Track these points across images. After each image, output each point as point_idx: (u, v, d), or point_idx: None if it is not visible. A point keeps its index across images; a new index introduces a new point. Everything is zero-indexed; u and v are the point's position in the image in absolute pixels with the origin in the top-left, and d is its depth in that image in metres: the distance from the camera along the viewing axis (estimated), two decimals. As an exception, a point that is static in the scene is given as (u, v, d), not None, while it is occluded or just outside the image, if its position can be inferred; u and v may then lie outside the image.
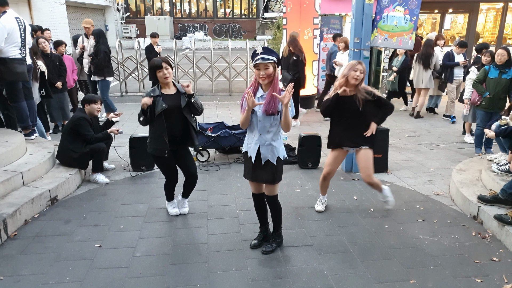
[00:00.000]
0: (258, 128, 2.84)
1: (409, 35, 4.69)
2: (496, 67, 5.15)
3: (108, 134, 4.55)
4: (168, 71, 3.23)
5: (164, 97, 3.27)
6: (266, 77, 2.72)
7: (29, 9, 14.04)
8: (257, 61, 2.68)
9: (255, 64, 2.71)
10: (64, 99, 6.40)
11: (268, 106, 2.74)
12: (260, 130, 2.84)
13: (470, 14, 11.03)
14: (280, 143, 2.92)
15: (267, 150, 2.86)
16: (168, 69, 3.24)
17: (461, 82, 7.20)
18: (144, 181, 4.59)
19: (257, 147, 2.86)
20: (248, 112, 2.75)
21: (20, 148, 4.40)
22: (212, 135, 5.11)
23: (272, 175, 2.90)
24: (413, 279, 2.79)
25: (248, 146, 2.95)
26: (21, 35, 4.62)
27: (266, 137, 2.85)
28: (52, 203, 3.92)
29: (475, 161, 4.77)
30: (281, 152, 2.93)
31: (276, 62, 2.74)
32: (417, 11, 4.61)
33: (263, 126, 2.82)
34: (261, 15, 20.74)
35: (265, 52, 2.70)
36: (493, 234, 3.39)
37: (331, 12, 8.79)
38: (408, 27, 4.65)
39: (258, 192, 3.07)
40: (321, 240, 3.31)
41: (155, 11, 27.50)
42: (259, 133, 2.85)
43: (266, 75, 2.71)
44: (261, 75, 2.72)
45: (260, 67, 2.70)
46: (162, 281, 2.76)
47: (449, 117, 7.47)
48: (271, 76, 2.73)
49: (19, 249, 3.14)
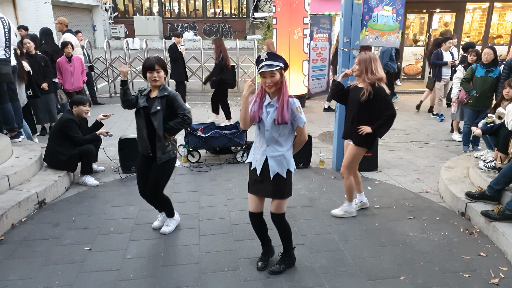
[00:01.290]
0: (265, 138, 2.61)
1: (395, 34, 4.78)
2: (483, 66, 5.24)
3: (97, 136, 4.50)
4: (159, 75, 3.02)
5: (148, 98, 3.13)
6: (273, 85, 2.51)
7: (14, 8, 13.79)
8: (262, 69, 2.47)
9: (260, 72, 2.50)
10: (51, 100, 6.30)
11: (279, 115, 2.52)
12: (268, 141, 2.62)
13: (457, 14, 11.19)
14: (290, 154, 2.67)
15: (276, 162, 2.61)
16: (160, 72, 3.02)
17: (449, 81, 7.31)
18: (134, 182, 4.52)
19: (264, 158, 2.63)
20: (246, 102, 2.53)
21: (6, 151, 4.32)
22: (203, 136, 5.09)
23: (280, 189, 2.64)
24: (404, 276, 2.82)
25: (254, 157, 2.71)
26: (5, 35, 4.53)
27: (275, 148, 2.62)
28: (40, 207, 3.86)
29: (463, 159, 4.84)
30: (291, 164, 2.66)
31: (283, 67, 2.52)
32: (401, 11, 4.70)
33: (271, 136, 2.60)
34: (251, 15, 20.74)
35: (270, 58, 2.49)
36: (480, 230, 3.45)
37: (321, 12, 8.83)
38: (394, 26, 4.74)
39: (257, 211, 2.75)
40: (313, 239, 3.33)
41: (144, 11, 27.26)
42: (266, 144, 2.62)
43: (273, 83, 2.50)
44: (267, 83, 2.51)
45: (266, 75, 2.49)
46: (153, 283, 2.74)
47: (437, 115, 7.57)
48: (278, 83, 2.52)
49: (6, 254, 3.08)
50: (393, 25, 4.71)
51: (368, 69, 3.32)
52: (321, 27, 8.83)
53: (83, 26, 21.93)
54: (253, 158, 2.73)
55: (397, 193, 4.26)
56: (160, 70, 3.02)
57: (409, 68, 11.48)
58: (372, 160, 4.89)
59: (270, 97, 2.60)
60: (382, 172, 4.87)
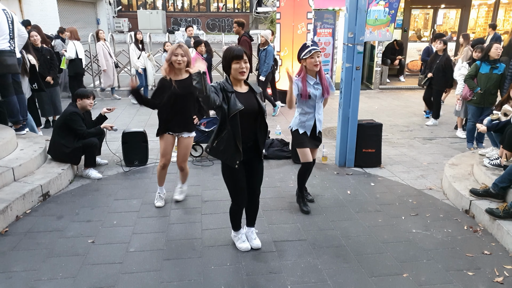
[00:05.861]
0: (316, 107, 3.54)
1: (386, 27, 4.79)
2: (488, 62, 5.18)
3: (101, 129, 4.51)
4: (246, 66, 2.66)
5: (237, 95, 2.69)
6: (318, 64, 3.39)
7: (19, 2, 13.78)
8: (312, 51, 3.35)
9: (310, 54, 3.35)
10: (55, 94, 6.31)
11: (325, 90, 3.51)
12: (317, 110, 3.56)
13: (462, 10, 11.09)
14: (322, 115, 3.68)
15: (320, 123, 3.62)
16: (247, 63, 2.68)
17: None
18: (137, 176, 4.56)
19: (313, 122, 3.56)
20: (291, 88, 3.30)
21: (11, 143, 4.33)
22: (206, 130, 5.08)
23: (320, 140, 3.73)
24: (406, 273, 2.82)
25: (301, 124, 3.58)
26: (9, 27, 4.53)
27: (319, 113, 3.59)
28: (44, 199, 3.88)
29: (467, 156, 4.81)
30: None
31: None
32: (396, 5, 4.71)
33: (319, 106, 3.57)
34: (254, 10, 20.63)
35: (314, 44, 3.41)
36: (484, 228, 3.43)
37: (325, 7, 8.76)
38: (385, 20, 4.77)
39: (310, 160, 3.65)
40: (315, 234, 3.33)
41: (148, 5, 27.18)
42: (314, 111, 3.55)
43: (319, 61, 3.39)
44: (316, 62, 3.37)
45: (314, 55, 3.36)
46: (156, 276, 2.75)
47: (426, 112, 7.45)
48: (320, 62, 3.44)
49: (10, 246, 3.10)
50: (384, 19, 4.76)
51: None
52: (325, 22, 8.77)
53: (87, 19, 21.92)
54: (299, 126, 3.59)
55: (400, 190, 4.25)
56: (247, 60, 2.69)
57: (413, 64, 11.39)
58: (375, 156, 4.87)
59: (314, 76, 3.50)
60: (385, 169, 4.85)
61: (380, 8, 4.70)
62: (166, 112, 3.55)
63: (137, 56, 8.13)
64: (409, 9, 10.96)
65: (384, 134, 5.44)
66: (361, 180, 4.50)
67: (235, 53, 2.62)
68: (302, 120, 3.59)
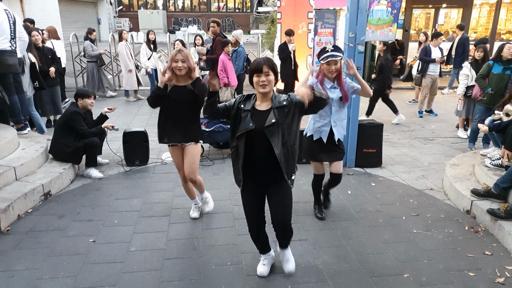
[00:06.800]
0: (332, 112, 3.29)
1: (388, 27, 4.77)
2: (501, 62, 5.09)
3: (102, 129, 4.51)
4: (268, 78, 2.38)
5: (254, 113, 2.45)
6: (335, 72, 3.18)
7: (21, 2, 13.79)
8: (329, 58, 3.12)
9: (326, 61, 3.13)
10: (56, 93, 6.32)
11: (344, 96, 3.25)
12: (333, 114, 3.31)
13: (464, 9, 11.07)
14: (345, 123, 3.43)
15: (339, 130, 3.34)
16: (270, 75, 2.39)
17: (437, 77, 7.21)
18: (138, 176, 4.56)
19: (329, 128, 3.30)
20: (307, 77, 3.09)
21: (13, 142, 4.34)
22: (206, 130, 5.08)
23: (342, 151, 3.42)
24: (407, 273, 2.81)
25: (315, 130, 3.34)
26: (10, 27, 4.54)
27: (337, 118, 3.32)
28: (45, 198, 3.88)
29: (468, 156, 4.81)
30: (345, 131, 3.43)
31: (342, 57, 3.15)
32: (398, 4, 4.69)
33: (336, 110, 3.30)
34: (255, 9, 20.63)
35: (335, 50, 3.12)
36: (486, 228, 3.42)
37: (326, 7, 8.75)
38: (388, 19, 4.75)
39: (322, 172, 3.49)
40: (316, 234, 3.33)
41: (149, 5, 27.20)
42: (331, 116, 3.29)
43: (335, 70, 3.17)
44: (331, 69, 3.16)
45: (331, 63, 3.14)
46: (156, 276, 2.76)
47: (419, 112, 7.45)
48: (338, 70, 3.19)
49: (12, 244, 3.11)
50: (386, 19, 4.74)
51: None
52: (326, 22, 8.74)
53: (88, 19, 21.95)
54: (314, 131, 3.35)
55: (401, 190, 4.24)
56: (270, 73, 2.40)
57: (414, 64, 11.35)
58: (376, 157, 4.87)
59: (331, 80, 3.26)
60: (386, 169, 4.85)
61: (383, 7, 4.68)
62: (161, 118, 3.35)
63: (147, 57, 8.11)
64: (410, 9, 10.95)
65: (385, 134, 5.43)
66: (361, 180, 4.50)
67: (253, 67, 2.42)
68: (317, 125, 3.35)
